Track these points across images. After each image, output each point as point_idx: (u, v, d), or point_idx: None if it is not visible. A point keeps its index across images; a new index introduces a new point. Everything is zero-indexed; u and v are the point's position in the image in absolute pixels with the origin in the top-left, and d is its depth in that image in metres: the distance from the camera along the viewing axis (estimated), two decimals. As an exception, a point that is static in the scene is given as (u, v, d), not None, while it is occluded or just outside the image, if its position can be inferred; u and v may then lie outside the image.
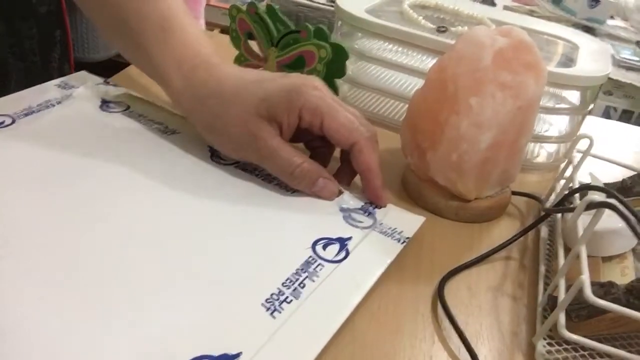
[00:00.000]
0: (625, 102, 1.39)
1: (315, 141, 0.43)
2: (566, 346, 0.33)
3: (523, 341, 0.34)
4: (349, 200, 0.41)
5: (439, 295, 0.36)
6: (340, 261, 0.35)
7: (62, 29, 0.69)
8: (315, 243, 0.36)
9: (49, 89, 0.48)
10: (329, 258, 0.35)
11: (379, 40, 0.56)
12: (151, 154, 0.42)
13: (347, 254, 0.35)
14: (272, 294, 0.31)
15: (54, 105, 0.46)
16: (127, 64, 0.62)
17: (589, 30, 1.44)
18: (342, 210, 0.39)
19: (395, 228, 0.39)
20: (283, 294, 0.31)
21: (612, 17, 1.64)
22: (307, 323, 0.30)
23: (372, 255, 0.36)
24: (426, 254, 0.40)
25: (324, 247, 0.35)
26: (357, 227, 0.38)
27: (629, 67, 1.38)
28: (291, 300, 0.31)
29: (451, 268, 0.39)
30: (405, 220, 0.40)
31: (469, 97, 0.40)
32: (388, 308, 0.35)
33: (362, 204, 0.41)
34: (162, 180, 0.39)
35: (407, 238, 0.38)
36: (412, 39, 0.52)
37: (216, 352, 0.27)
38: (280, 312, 0.30)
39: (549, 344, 0.33)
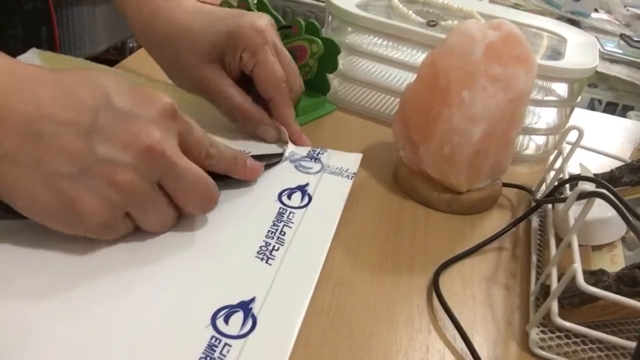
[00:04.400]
0: (609, 95, 1.41)
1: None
2: (559, 333, 0.33)
3: (517, 329, 0.35)
4: (294, 151, 0.44)
5: (434, 286, 0.37)
6: (306, 205, 0.39)
7: (48, 26, 0.68)
8: (280, 195, 0.39)
9: None
10: (296, 205, 0.39)
11: (370, 34, 0.56)
12: None
13: (310, 198, 0.40)
14: (260, 247, 0.35)
15: None
16: (115, 61, 0.61)
17: (573, 23, 1.46)
18: (292, 161, 0.43)
19: (341, 167, 0.43)
20: (269, 244, 0.35)
21: (596, 10, 1.65)
22: (298, 261, 0.34)
23: (330, 194, 0.41)
24: (420, 246, 0.41)
25: (289, 197, 0.39)
26: (309, 173, 0.42)
27: (613, 60, 1.39)
28: (278, 248, 0.35)
29: (445, 260, 0.39)
30: (347, 160, 0.44)
31: (461, 90, 0.40)
32: (384, 300, 0.35)
33: (307, 151, 0.44)
34: None
35: (354, 173, 0.43)
36: (403, 33, 0.53)
37: (234, 301, 0.30)
38: (273, 259, 0.34)
39: (542, 332, 0.34)
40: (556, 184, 0.42)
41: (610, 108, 1.43)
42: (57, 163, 0.28)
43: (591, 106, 1.43)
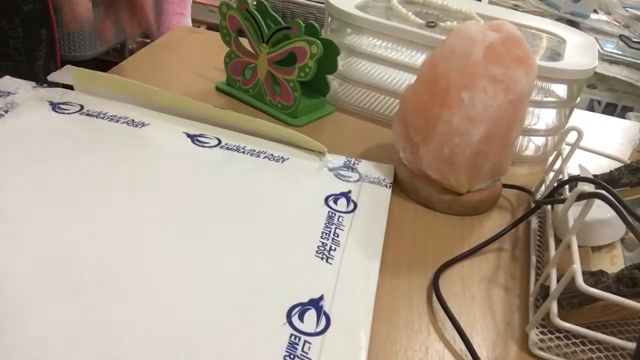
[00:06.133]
0: (608, 95, 1.41)
1: None
2: (558, 334, 0.34)
3: (516, 330, 0.35)
4: (332, 159, 0.46)
5: (434, 287, 0.37)
6: (353, 210, 0.41)
7: (48, 28, 0.68)
8: (326, 200, 0.41)
9: None
10: (343, 210, 0.40)
11: (369, 36, 0.56)
12: (133, 150, 0.42)
13: (355, 204, 0.41)
14: (318, 247, 0.36)
15: (2, 115, 0.44)
16: (114, 63, 0.61)
17: (573, 24, 1.46)
18: (331, 169, 0.45)
19: (378, 177, 0.46)
20: (326, 244, 0.36)
21: (595, 11, 1.65)
22: (357, 261, 0.36)
23: (373, 200, 0.42)
24: (420, 247, 0.41)
25: (335, 202, 0.41)
26: (349, 181, 0.44)
27: (612, 61, 1.39)
28: (335, 248, 0.36)
29: (445, 260, 0.39)
30: (382, 170, 0.47)
31: (461, 92, 0.40)
32: (384, 300, 0.35)
33: (344, 160, 0.46)
34: (165, 178, 0.40)
35: (391, 183, 0.45)
36: (402, 34, 0.53)
37: (305, 299, 0.32)
38: (333, 258, 0.35)
39: (542, 333, 0.34)
40: (555, 185, 0.42)
41: (610, 109, 1.43)
42: None
43: (590, 107, 1.43)
